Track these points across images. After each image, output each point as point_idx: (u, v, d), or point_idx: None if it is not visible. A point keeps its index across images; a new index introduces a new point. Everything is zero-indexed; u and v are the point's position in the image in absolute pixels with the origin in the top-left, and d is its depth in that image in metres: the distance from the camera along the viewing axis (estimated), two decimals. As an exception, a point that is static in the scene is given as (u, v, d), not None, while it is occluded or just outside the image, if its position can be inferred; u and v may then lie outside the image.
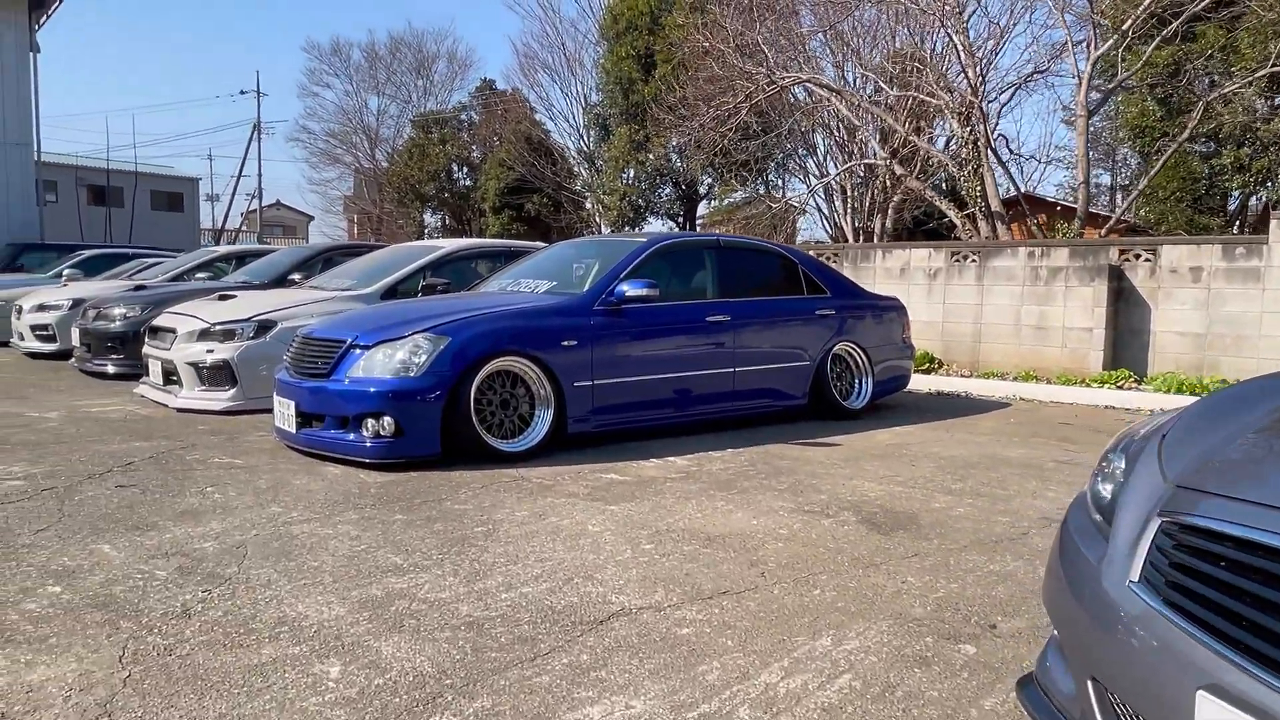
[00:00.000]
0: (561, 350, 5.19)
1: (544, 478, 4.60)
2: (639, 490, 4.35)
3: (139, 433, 5.67)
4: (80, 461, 4.75)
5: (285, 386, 5.17)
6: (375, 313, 5.59)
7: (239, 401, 6.56)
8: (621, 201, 27.39)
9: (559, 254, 6.75)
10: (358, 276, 7.74)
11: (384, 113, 39.93)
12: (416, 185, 35.35)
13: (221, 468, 4.69)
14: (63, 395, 7.34)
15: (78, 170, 30.87)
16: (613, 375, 5.42)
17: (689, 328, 5.85)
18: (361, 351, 4.91)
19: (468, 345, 4.87)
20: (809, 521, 3.81)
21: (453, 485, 4.39)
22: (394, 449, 4.70)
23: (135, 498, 4.01)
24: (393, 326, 5.02)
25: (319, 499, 4.07)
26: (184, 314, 7.07)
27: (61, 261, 14.58)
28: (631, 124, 27.00)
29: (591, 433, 5.38)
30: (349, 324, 5.28)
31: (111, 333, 8.54)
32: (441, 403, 4.76)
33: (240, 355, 6.57)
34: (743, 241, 6.76)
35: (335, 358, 4.97)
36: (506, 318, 5.14)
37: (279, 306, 6.90)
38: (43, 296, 10.49)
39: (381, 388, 4.72)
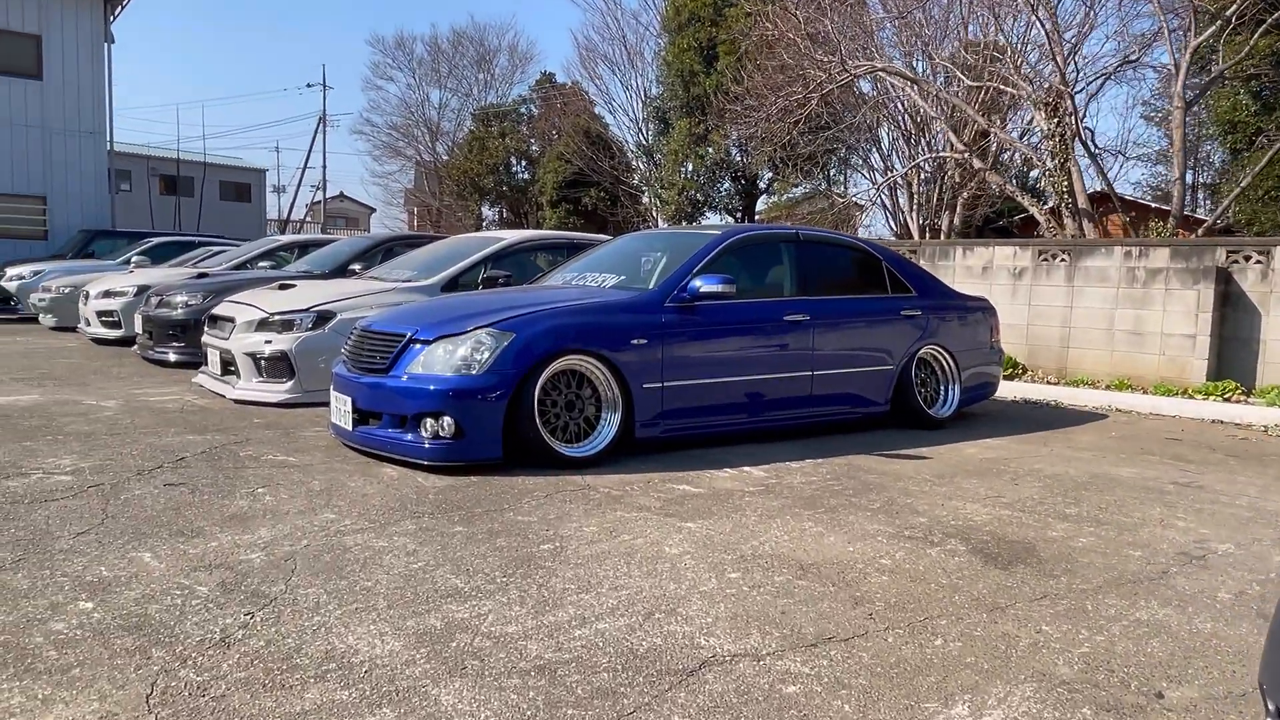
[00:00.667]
0: (631, 349, 4.83)
1: (612, 487, 4.24)
2: (716, 505, 3.96)
3: (194, 425, 5.47)
4: (131, 456, 4.55)
5: (342, 381, 4.91)
6: (436, 305, 5.30)
7: (296, 394, 6.35)
8: (680, 196, 26.96)
9: (626, 247, 6.38)
10: (418, 268, 7.49)
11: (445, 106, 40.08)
12: (475, 178, 35.40)
13: (274, 466, 4.44)
14: (122, 383, 7.24)
15: (149, 160, 31.58)
16: (684, 377, 5.04)
17: (765, 327, 5.44)
18: (421, 346, 4.61)
19: (533, 342, 4.54)
20: (913, 550, 3.38)
21: (515, 493, 4.06)
22: (454, 452, 4.39)
23: (183, 498, 3.76)
24: (454, 320, 4.71)
25: (374, 505, 3.77)
26: (243, 303, 6.89)
27: (131, 248, 14.74)
28: (692, 117, 26.55)
29: (659, 438, 5.01)
30: (409, 317, 4.99)
31: (173, 320, 8.45)
32: (504, 403, 4.43)
33: (298, 347, 6.35)
34: (823, 235, 6.31)
35: (394, 352, 4.68)
36: (573, 313, 4.79)
37: (338, 297, 6.67)
38: (109, 283, 10.51)
39: (441, 386, 4.41)
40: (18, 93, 17.36)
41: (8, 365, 8.11)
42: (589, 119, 32.17)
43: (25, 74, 17.44)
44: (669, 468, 4.70)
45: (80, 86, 18.05)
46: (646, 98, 29.60)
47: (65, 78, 17.87)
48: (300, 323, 6.45)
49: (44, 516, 3.44)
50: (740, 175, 27.61)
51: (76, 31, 17.96)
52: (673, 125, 27.22)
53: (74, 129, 17.94)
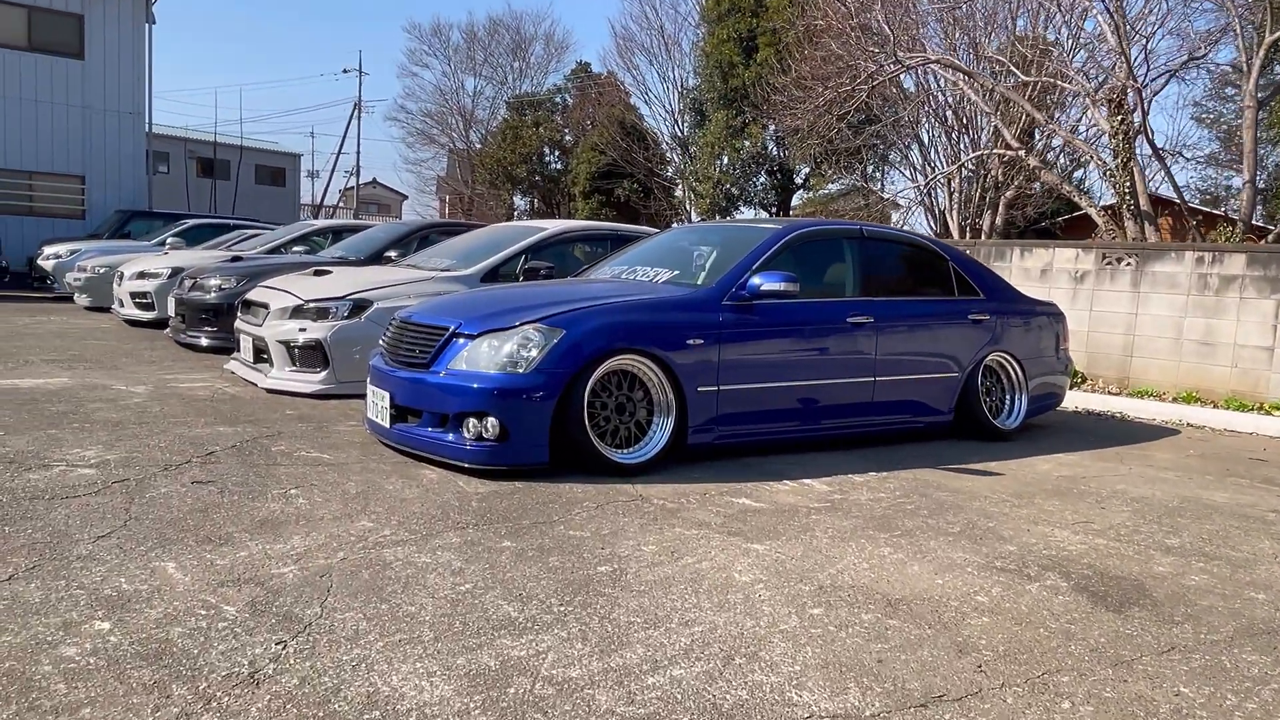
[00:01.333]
0: (686, 349, 4.51)
1: (666, 498, 3.93)
2: (781, 523, 3.64)
3: (224, 415, 5.23)
4: (159, 448, 4.31)
5: (380, 375, 4.63)
6: (480, 297, 5.00)
7: (330, 385, 6.10)
8: (714, 189, 26.56)
9: (676, 240, 6.06)
10: (457, 256, 7.21)
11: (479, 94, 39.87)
12: (508, 167, 35.18)
13: (308, 464, 4.17)
14: (153, 368, 7.04)
15: (186, 142, 31.69)
16: (740, 380, 4.71)
17: (827, 329, 5.09)
18: (465, 341, 4.32)
19: (584, 340, 4.23)
20: (1010, 585, 3.04)
21: (564, 502, 3.76)
22: (497, 455, 4.10)
23: (212, 499, 3.50)
24: (500, 314, 4.41)
25: (414, 512, 3.49)
26: (277, 289, 6.65)
27: (167, 230, 14.66)
28: (729, 109, 26.11)
29: (713, 445, 4.69)
30: (451, 309, 4.71)
31: (206, 304, 8.25)
32: (552, 404, 4.13)
33: (334, 336, 6.10)
34: (888, 233, 5.94)
35: (436, 347, 4.39)
36: (626, 310, 4.47)
37: (375, 285, 6.41)
38: (143, 264, 10.36)
39: (485, 384, 4.12)
40: (59, 72, 17.34)
41: (41, 345, 7.96)
42: (624, 110, 31.82)
43: (67, 53, 17.42)
44: (725, 478, 4.38)
45: (121, 67, 18.00)
46: (683, 89, 29.20)
47: (106, 58, 17.82)
48: (336, 311, 6.19)
49: (64, 516, 3.19)
50: (777, 169, 27.14)
51: (118, 11, 17.91)
52: (709, 117, 26.80)
53: (114, 109, 17.90)
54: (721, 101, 26.19)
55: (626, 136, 30.18)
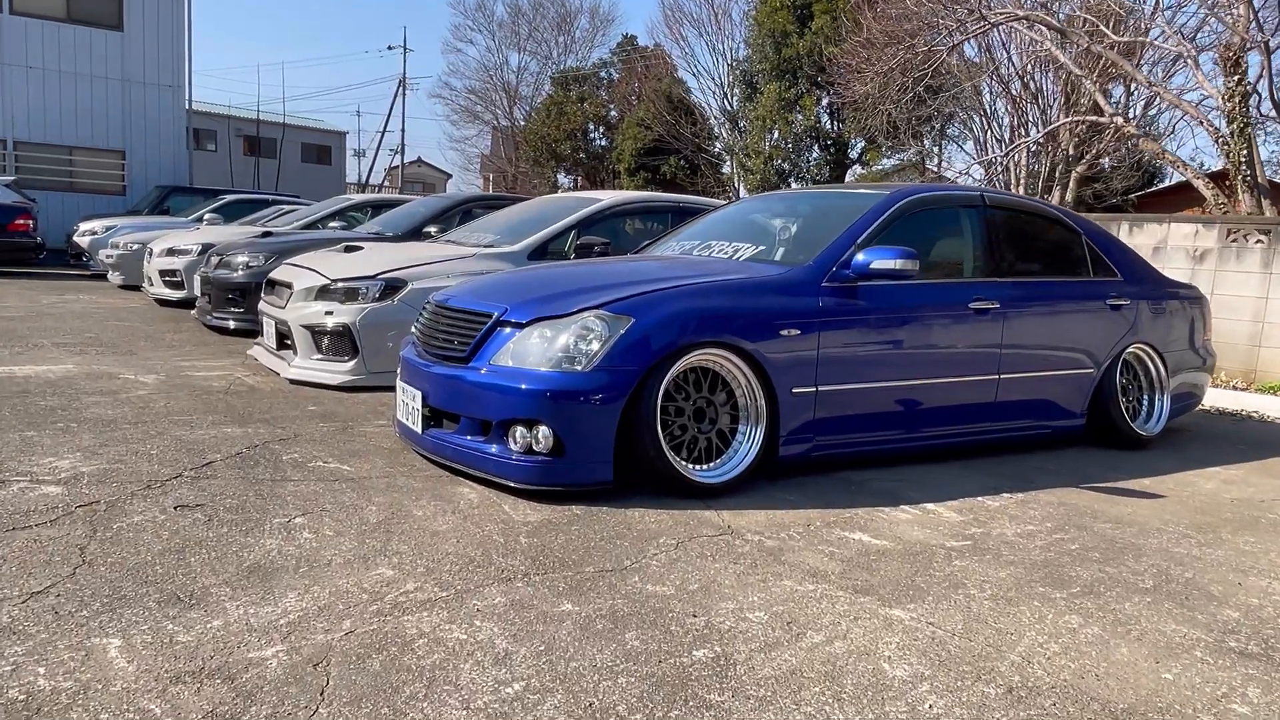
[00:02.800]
0: (780, 341, 3.65)
1: (762, 531, 3.10)
2: (918, 572, 2.79)
3: (236, 412, 4.51)
4: (148, 457, 3.58)
5: (411, 369, 3.86)
6: (529, 278, 4.19)
7: (359, 376, 5.36)
8: (765, 165, 25.46)
9: (754, 209, 5.17)
10: (501, 231, 6.41)
11: (524, 69, 39.09)
12: (553, 144, 34.37)
13: (322, 479, 3.42)
14: (172, 352, 6.37)
15: (231, 120, 31.39)
16: (843, 379, 3.85)
17: (946, 317, 4.19)
18: (511, 331, 3.51)
19: (657, 330, 3.40)
20: (1270, 684, 2.15)
21: (636, 537, 2.95)
22: (551, 472, 3.30)
23: (194, 532, 2.76)
24: (554, 298, 3.59)
25: (448, 552, 2.70)
26: (303, 267, 5.92)
27: (207, 205, 14.14)
28: (781, 80, 24.94)
29: (807, 458, 3.84)
30: (495, 291, 3.90)
31: (232, 283, 7.58)
32: (618, 410, 3.32)
33: (363, 320, 5.35)
34: (1014, 201, 4.97)
35: (476, 337, 3.59)
36: (706, 294, 3.62)
37: (411, 263, 5.64)
38: (172, 240, 9.75)
39: (536, 384, 3.31)
40: (99, 44, 16.87)
41: (58, 328, 7.36)
42: (670, 84, 30.76)
43: (106, 25, 16.93)
44: (826, 501, 3.53)
45: (160, 39, 17.48)
46: (733, 61, 28.03)
47: (145, 29, 17.31)
48: (366, 292, 5.44)
49: (1, 556, 2.46)
50: (830, 144, 25.92)
51: (156, -19, 17.38)
52: (760, 90, 25.65)
53: (153, 82, 17.41)
54: (774, 73, 25.02)
55: (673, 111, 29.14)
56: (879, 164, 28.10)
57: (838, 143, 25.73)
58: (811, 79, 24.63)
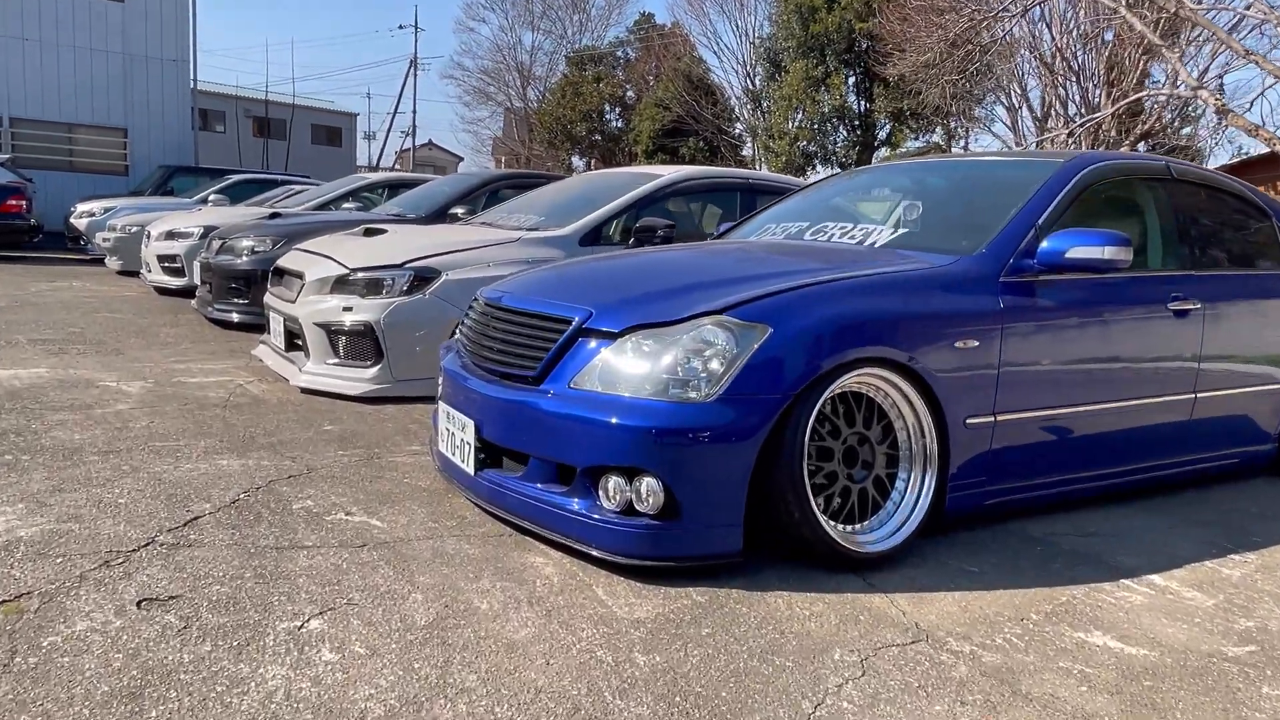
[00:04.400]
0: (954, 355, 2.72)
1: (964, 633, 2.18)
2: (1225, 709, 1.86)
3: (235, 436, 3.60)
4: (115, 507, 2.67)
5: (457, 388, 2.93)
6: (613, 269, 3.23)
7: (383, 384, 4.45)
8: (790, 146, 24.40)
9: (867, 184, 4.20)
10: (545, 212, 5.47)
11: (537, 49, 37.97)
12: (568, 125, 33.34)
13: (345, 543, 2.50)
14: (164, 352, 5.46)
15: (239, 100, 30.39)
16: (1023, 405, 2.91)
17: (1142, 320, 3.24)
18: (600, 343, 2.57)
19: (802, 343, 2.46)
20: None
21: (799, 651, 2.03)
22: (660, 541, 2.38)
23: (161, 654, 1.84)
24: (657, 299, 2.65)
25: (538, 691, 1.78)
26: (316, 254, 4.99)
27: (213, 187, 13.22)
28: (809, 58, 23.85)
29: (979, 508, 2.91)
30: (570, 287, 2.96)
31: (236, 270, 6.66)
32: (752, 454, 2.39)
33: (389, 317, 4.42)
34: (1200, 174, 3.94)
35: (551, 349, 2.65)
36: (861, 292, 2.67)
37: (444, 249, 4.70)
38: (172, 222, 8.82)
39: (639, 419, 2.38)
40: (98, 15, 15.90)
41: (40, 320, 6.46)
42: (690, 63, 29.67)
43: (106, -5, 15.97)
44: (1018, 572, 2.61)
45: (163, 10, 16.50)
46: (757, 38, 26.90)
47: (148, 1, 16.33)
48: (392, 284, 4.51)
49: None
50: (857, 124, 24.83)
51: (159, -50, 16.39)
52: (786, 68, 24.55)
53: (156, 56, 16.44)
54: (800, 50, 23.93)
55: (693, 91, 28.11)
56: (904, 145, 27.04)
57: (865, 123, 24.64)
58: (841, 56, 23.55)
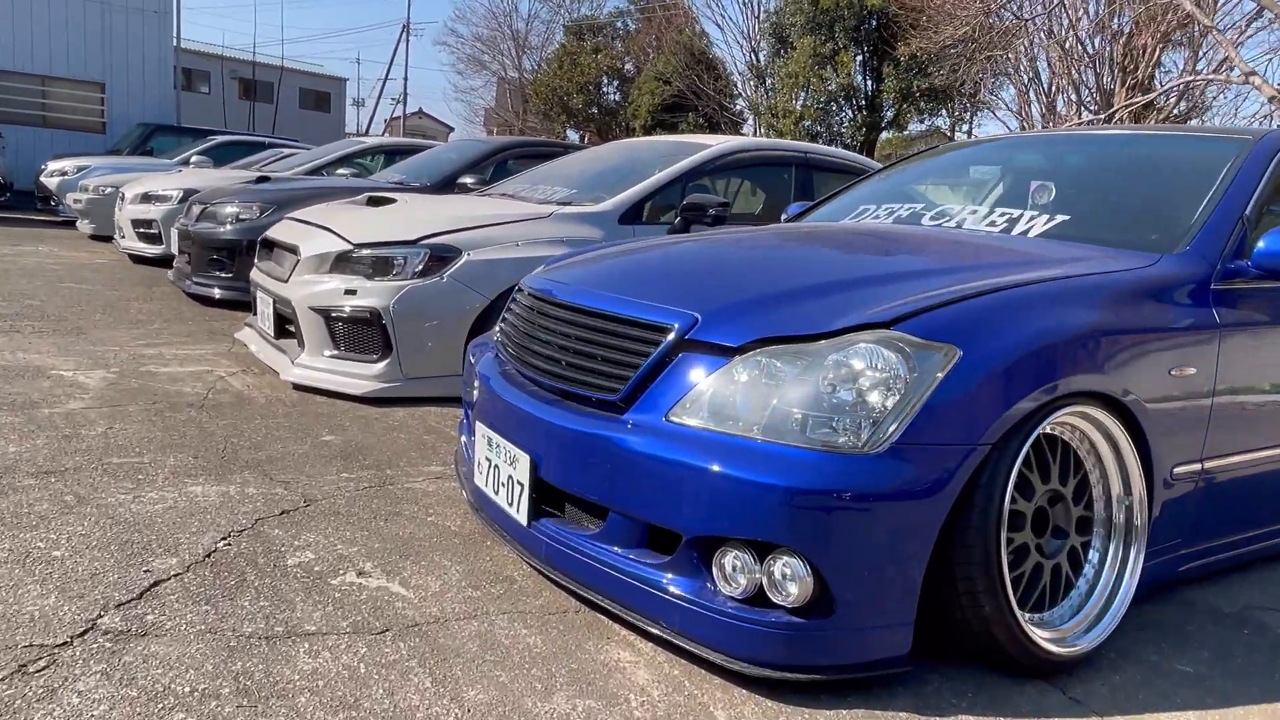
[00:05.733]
0: (1167, 384, 2.04)
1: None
2: None
3: (212, 449, 2.88)
4: (47, 565, 1.96)
5: (503, 405, 2.22)
6: (707, 257, 2.49)
7: (391, 382, 3.73)
8: (796, 126, 23.59)
9: (979, 157, 3.50)
10: (575, 184, 4.73)
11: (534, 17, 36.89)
12: (564, 97, 32.30)
13: (360, 631, 1.81)
14: (134, 332, 4.71)
15: (225, 61, 29.18)
16: (1233, 445, 2.24)
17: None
18: (711, 361, 1.86)
19: (1002, 369, 1.76)
20: None
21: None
22: (806, 644, 1.69)
23: None
24: (786, 301, 1.94)
25: None
26: (313, 224, 4.24)
27: (195, 147, 12.33)
28: (817, 35, 22.98)
29: (1172, 576, 2.25)
30: (657, 279, 2.24)
31: (218, 240, 5.88)
32: (937, 526, 1.71)
33: (400, 303, 3.70)
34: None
35: (642, 366, 1.94)
36: (1059, 300, 1.97)
37: (464, 223, 3.96)
38: (149, 184, 7.99)
39: (776, 475, 1.67)
40: (74, -39, 14.84)
41: (-7, 290, 5.68)
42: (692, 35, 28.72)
43: (82, -61, 14.89)
44: (1244, 676, 1.96)
45: (143, -41, 15.45)
46: (763, 12, 25.95)
47: (127, -54, 15.28)
48: (404, 263, 3.77)
49: None
50: (864, 105, 24.04)
51: (140, -108, 15.29)
52: (793, 44, 23.67)
53: (136, 7, 15.39)
54: (809, 26, 23.04)
55: (695, 65, 27.17)
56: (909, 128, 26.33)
57: (873, 103, 23.86)
58: (850, 33, 22.71)
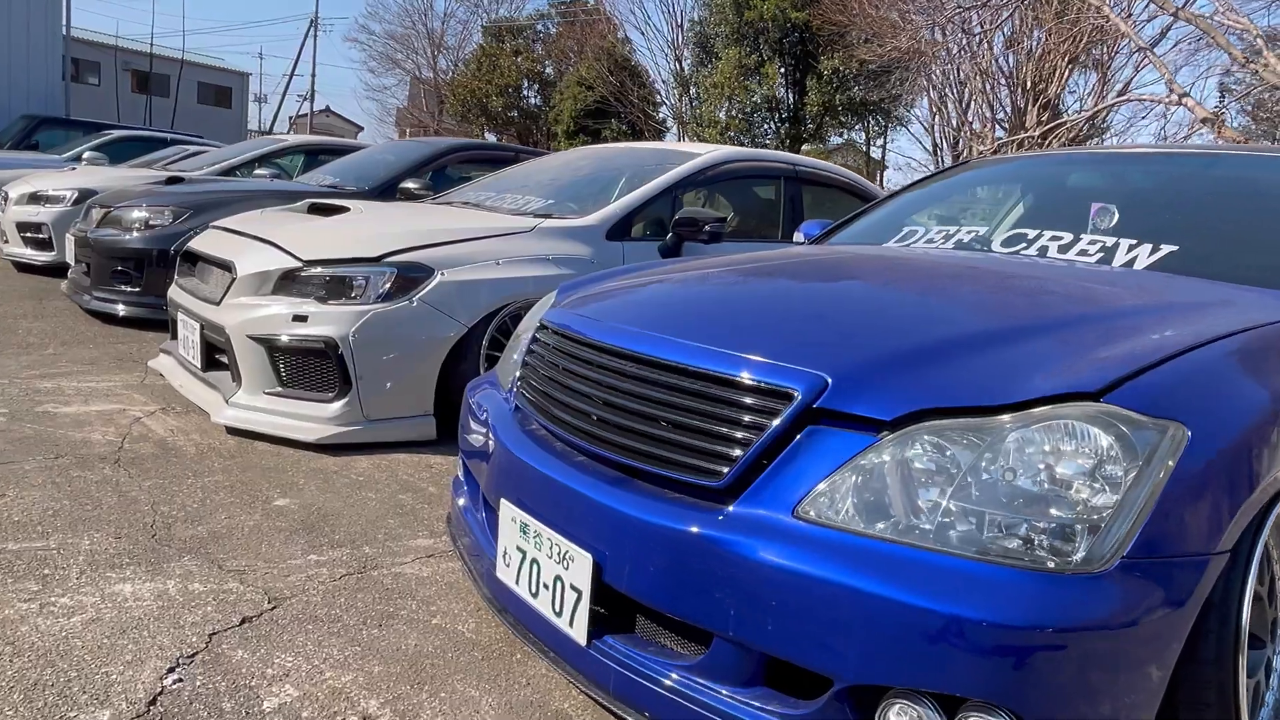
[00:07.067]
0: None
1: None
2: None
3: (136, 522, 2.25)
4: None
5: (536, 480, 1.71)
6: (790, 289, 2.01)
7: (350, 425, 3.13)
8: (721, 136, 23.50)
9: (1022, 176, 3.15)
10: (549, 194, 4.22)
11: (450, 16, 35.83)
12: (483, 99, 31.48)
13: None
14: (24, 360, 3.93)
15: (118, 52, 27.16)
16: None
17: None
18: (854, 439, 1.41)
19: (1236, 451, 1.37)
20: None
21: None
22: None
23: None
24: (939, 355, 1.50)
25: None
26: (249, 235, 3.59)
27: (86, 142, 11.16)
28: (742, 46, 22.96)
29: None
30: (749, 322, 1.74)
31: (125, 249, 5.10)
32: (1171, 665, 1.30)
33: (362, 332, 3.10)
34: None
35: (759, 441, 1.45)
36: (1262, 356, 1.61)
37: (435, 239, 3.39)
38: (37, 183, 7.02)
39: (967, 604, 1.24)
40: (-56, -67, 13.33)
41: None
42: (615, 42, 28.37)
43: (-46, -90, 13.39)
44: None
45: (27, -65, 14.03)
46: (686, 20, 25.80)
47: (8, -79, 13.84)
48: (366, 284, 3.18)
49: None
50: (788, 117, 24.15)
51: None
52: (718, 55, 23.59)
53: (17, -13, 13.96)
54: (734, 37, 23.00)
55: (619, 71, 26.82)
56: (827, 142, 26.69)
57: (795, 116, 23.99)
58: (774, 45, 22.77)
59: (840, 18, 15.18)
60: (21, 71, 14.24)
